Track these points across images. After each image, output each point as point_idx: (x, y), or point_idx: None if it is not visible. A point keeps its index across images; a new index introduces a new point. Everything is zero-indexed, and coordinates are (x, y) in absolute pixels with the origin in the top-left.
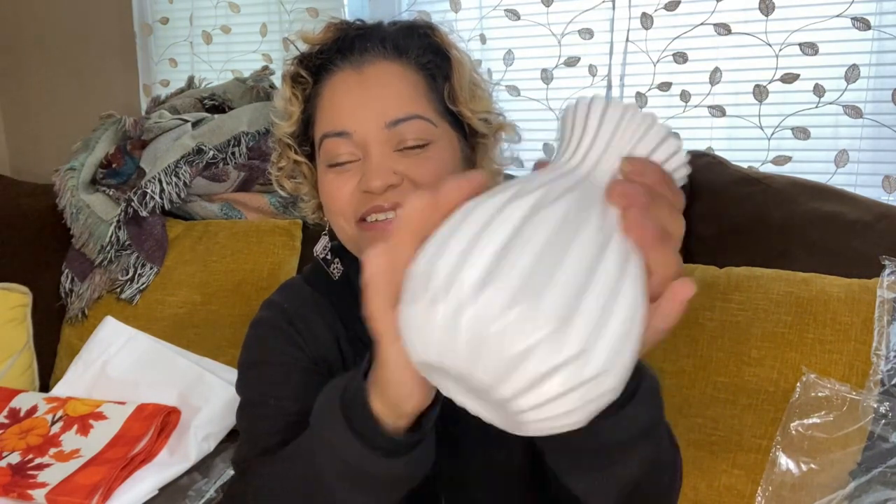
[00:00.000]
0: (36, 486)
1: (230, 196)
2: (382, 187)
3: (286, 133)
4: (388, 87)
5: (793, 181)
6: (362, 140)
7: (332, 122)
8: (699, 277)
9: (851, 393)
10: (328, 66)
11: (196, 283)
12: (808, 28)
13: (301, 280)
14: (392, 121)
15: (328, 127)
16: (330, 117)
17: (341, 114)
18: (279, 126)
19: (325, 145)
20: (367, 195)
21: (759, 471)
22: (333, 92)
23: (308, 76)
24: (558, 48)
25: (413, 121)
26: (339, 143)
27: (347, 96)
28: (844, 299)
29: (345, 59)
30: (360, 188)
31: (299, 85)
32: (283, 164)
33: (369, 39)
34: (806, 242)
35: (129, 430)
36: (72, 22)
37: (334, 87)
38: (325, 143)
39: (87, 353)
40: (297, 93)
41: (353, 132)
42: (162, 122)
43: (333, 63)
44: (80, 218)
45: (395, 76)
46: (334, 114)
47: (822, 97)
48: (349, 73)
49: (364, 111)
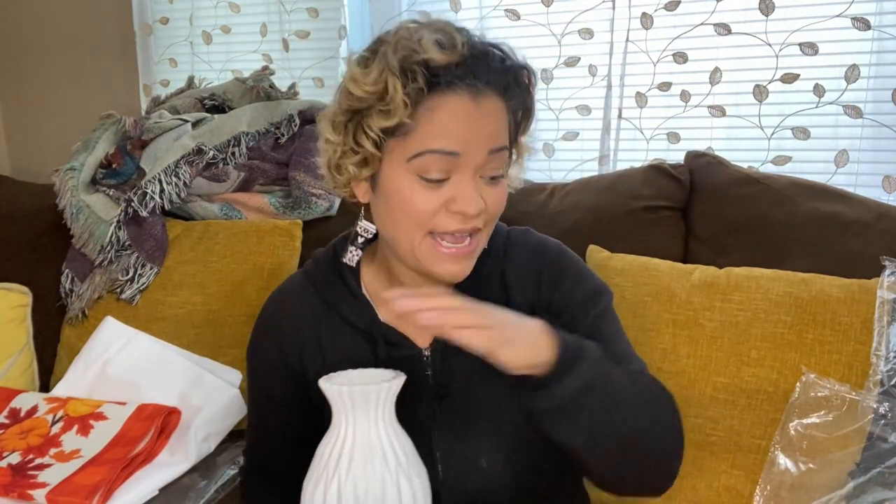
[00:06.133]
0: (36, 486)
1: (230, 196)
2: (477, 213)
3: (381, 127)
4: (494, 121)
5: (793, 181)
6: (463, 163)
7: (443, 142)
8: (699, 278)
9: (851, 393)
10: (445, 83)
11: (196, 283)
12: (808, 28)
13: (302, 277)
14: (492, 149)
15: (438, 144)
16: (441, 136)
17: (454, 136)
18: (375, 119)
19: (425, 158)
20: (454, 214)
21: (759, 471)
22: (450, 113)
23: (424, 84)
24: (558, 48)
25: (503, 152)
26: (441, 161)
27: (465, 121)
28: (844, 300)
29: (463, 82)
30: (448, 208)
31: (414, 87)
32: (348, 149)
33: (487, 72)
34: (806, 243)
35: (129, 430)
36: (71, 22)
37: (452, 108)
38: (425, 157)
39: (88, 354)
40: (409, 98)
41: (461, 154)
42: (162, 122)
43: (452, 83)
44: (80, 218)
45: (500, 112)
46: (449, 134)
47: (822, 97)
48: (467, 99)
49: (476, 139)
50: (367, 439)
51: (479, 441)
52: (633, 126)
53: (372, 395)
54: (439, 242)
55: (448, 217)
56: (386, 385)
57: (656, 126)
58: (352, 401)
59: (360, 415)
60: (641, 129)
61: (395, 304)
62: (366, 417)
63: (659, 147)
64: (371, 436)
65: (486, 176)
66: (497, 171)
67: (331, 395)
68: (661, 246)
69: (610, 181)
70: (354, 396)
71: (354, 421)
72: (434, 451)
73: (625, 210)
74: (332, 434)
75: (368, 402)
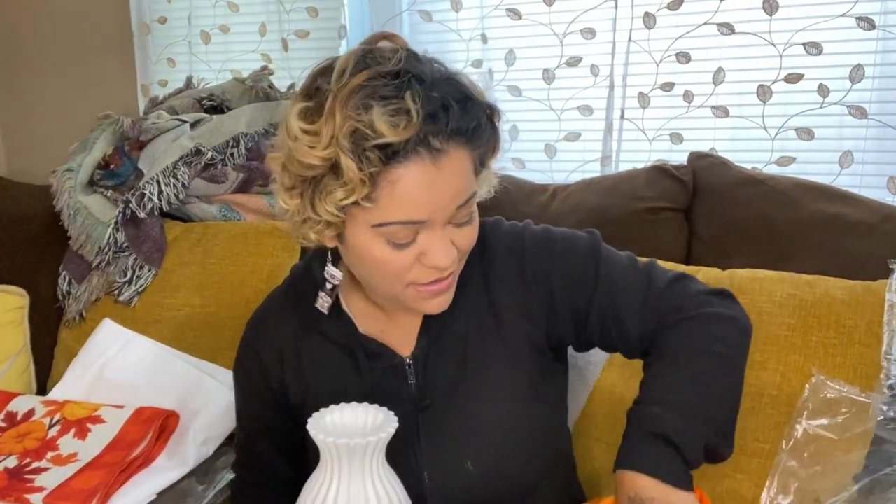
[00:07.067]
0: (33, 490)
1: (229, 197)
2: (450, 266)
3: (339, 203)
4: (460, 176)
5: (797, 182)
6: (430, 224)
7: (408, 213)
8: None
9: (861, 395)
10: (403, 154)
11: (195, 285)
12: (813, 28)
13: (282, 294)
14: (459, 205)
15: (402, 216)
16: (405, 208)
17: (419, 206)
18: (333, 194)
19: (389, 228)
20: (429, 269)
21: (762, 475)
22: (412, 183)
23: (381, 164)
24: (560, 48)
25: (471, 200)
26: (407, 229)
27: (428, 188)
28: (849, 302)
29: (422, 147)
30: (421, 262)
31: (367, 164)
32: (307, 217)
33: (447, 126)
34: (810, 244)
35: (127, 434)
36: (69, 21)
37: (413, 178)
38: (390, 227)
39: (85, 356)
40: (365, 176)
41: (427, 220)
42: (160, 122)
43: (409, 153)
44: (78, 219)
45: (465, 163)
46: (411, 205)
47: (826, 97)
48: (428, 164)
49: (441, 201)
50: (356, 491)
51: (464, 445)
52: (635, 127)
53: (360, 449)
54: (421, 287)
55: (423, 270)
56: (374, 439)
57: (659, 127)
58: (338, 452)
59: (349, 466)
60: (644, 130)
61: None
62: (358, 468)
63: (662, 148)
64: (360, 487)
65: (456, 223)
66: (467, 217)
67: (319, 444)
68: (663, 248)
69: (612, 182)
70: (342, 449)
71: (344, 472)
72: (418, 457)
73: (627, 211)
74: (318, 480)
75: (357, 454)
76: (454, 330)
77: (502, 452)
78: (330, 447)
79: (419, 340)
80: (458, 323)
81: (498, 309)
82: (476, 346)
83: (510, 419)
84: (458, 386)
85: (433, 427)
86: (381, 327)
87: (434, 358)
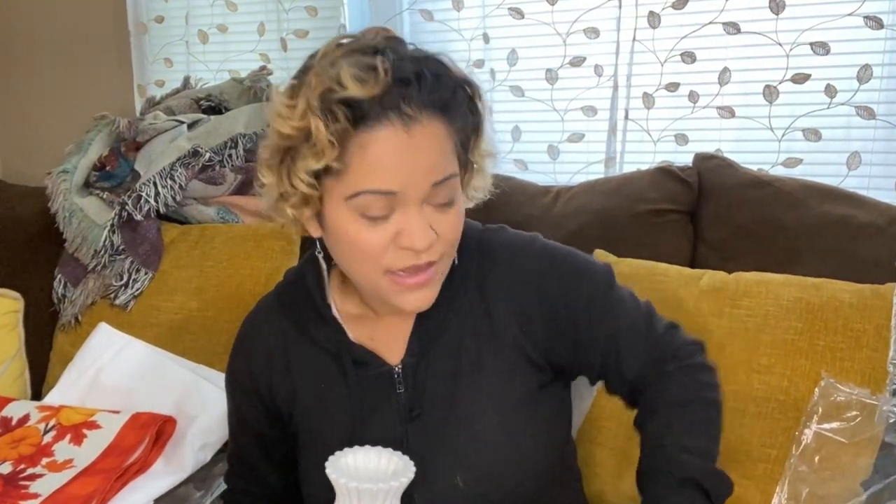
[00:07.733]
0: (28, 496)
1: (227, 199)
2: (427, 247)
3: (311, 169)
4: (435, 150)
5: (803, 184)
6: (404, 199)
7: (378, 181)
8: (707, 283)
9: (871, 398)
10: (373, 117)
11: (192, 288)
12: (820, 27)
13: (274, 300)
14: (435, 181)
15: (372, 184)
16: (375, 175)
17: (389, 174)
18: (305, 160)
19: (361, 198)
20: (404, 251)
21: (769, 481)
22: (382, 149)
23: (348, 123)
24: (563, 48)
25: (450, 180)
26: (379, 200)
27: (399, 156)
28: (856, 305)
29: (393, 112)
30: (397, 244)
31: (337, 126)
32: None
33: (419, 95)
34: (817, 247)
35: (123, 439)
36: (65, 21)
37: (383, 144)
38: (362, 197)
39: (81, 361)
40: (334, 138)
41: (398, 192)
42: (157, 123)
43: (381, 115)
44: (74, 222)
45: (440, 137)
46: (382, 173)
47: (833, 98)
48: (398, 131)
49: (413, 174)
50: None
51: (454, 459)
52: (640, 127)
53: (380, 494)
54: (399, 276)
55: (398, 253)
56: (393, 485)
57: (664, 127)
58: (357, 496)
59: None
60: (649, 131)
61: None
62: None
63: (666, 149)
64: None
65: (434, 204)
66: (446, 199)
67: (336, 485)
68: (668, 250)
69: (616, 184)
70: (362, 494)
71: None
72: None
73: (631, 213)
74: None
75: (374, 499)
76: (447, 337)
77: (495, 467)
78: (349, 491)
79: (410, 346)
80: (451, 329)
81: (494, 317)
82: (469, 354)
83: (504, 432)
84: (449, 396)
85: (422, 436)
86: (371, 333)
87: (425, 366)
